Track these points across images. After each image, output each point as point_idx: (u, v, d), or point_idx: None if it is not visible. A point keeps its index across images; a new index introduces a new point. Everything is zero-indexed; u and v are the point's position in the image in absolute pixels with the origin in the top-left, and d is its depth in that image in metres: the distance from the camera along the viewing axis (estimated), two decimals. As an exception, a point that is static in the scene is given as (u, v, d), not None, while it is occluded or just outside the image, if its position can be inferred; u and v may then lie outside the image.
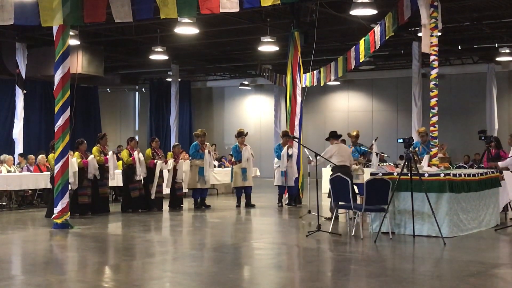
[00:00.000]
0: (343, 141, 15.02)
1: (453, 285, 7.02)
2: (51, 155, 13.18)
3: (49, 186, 13.80)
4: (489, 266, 8.06)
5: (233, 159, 15.87)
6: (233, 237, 11.17)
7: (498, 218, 11.81)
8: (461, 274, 7.60)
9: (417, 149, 13.49)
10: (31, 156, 16.97)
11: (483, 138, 12.41)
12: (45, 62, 19.54)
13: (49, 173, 13.90)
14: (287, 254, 9.44)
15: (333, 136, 12.65)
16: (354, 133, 14.88)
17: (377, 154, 17.38)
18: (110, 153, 14.06)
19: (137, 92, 31.87)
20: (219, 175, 18.93)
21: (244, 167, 15.41)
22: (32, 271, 7.91)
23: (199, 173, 15.08)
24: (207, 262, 8.71)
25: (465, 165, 17.28)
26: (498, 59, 21.16)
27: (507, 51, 19.87)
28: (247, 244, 10.31)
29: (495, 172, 11.85)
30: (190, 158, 15.41)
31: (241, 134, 15.60)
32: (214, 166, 17.86)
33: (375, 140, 15.87)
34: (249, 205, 15.46)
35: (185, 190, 15.94)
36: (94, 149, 13.90)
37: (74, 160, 13.01)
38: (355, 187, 12.53)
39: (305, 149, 12.80)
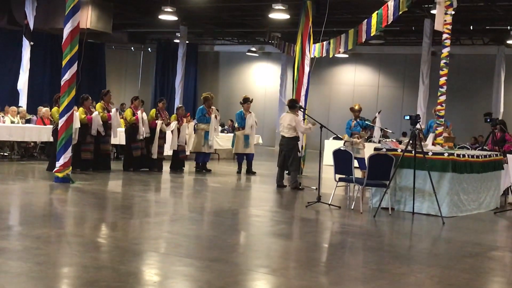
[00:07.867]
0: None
1: (450, 264, 7.04)
2: (54, 109, 13.12)
3: (51, 139, 13.79)
4: (486, 248, 8.08)
5: (236, 125, 15.79)
6: (233, 202, 11.19)
7: (498, 201, 11.83)
8: (458, 254, 7.62)
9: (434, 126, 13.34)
10: (41, 108, 16.95)
11: (488, 120, 12.33)
12: (54, 15, 19.40)
13: (51, 126, 13.87)
14: (285, 223, 9.44)
15: (289, 106, 12.87)
16: (356, 107, 14.83)
17: (381, 129, 17.27)
18: (114, 110, 14.01)
19: (142, 52, 31.65)
20: (221, 140, 18.90)
21: (247, 133, 15.38)
22: (31, 222, 7.92)
23: (204, 137, 15.06)
24: (206, 226, 8.75)
25: (468, 146, 17.22)
26: (509, 42, 20.97)
27: (519, 34, 19.70)
28: (246, 210, 10.34)
29: (498, 155, 11.83)
30: (196, 122, 15.37)
31: (246, 101, 15.51)
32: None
33: (379, 113, 15.71)
34: (250, 172, 15.46)
35: (187, 153, 15.94)
36: (98, 105, 13.86)
37: (77, 116, 12.92)
38: (355, 161, 12.48)
39: (310, 119, 12.78)
